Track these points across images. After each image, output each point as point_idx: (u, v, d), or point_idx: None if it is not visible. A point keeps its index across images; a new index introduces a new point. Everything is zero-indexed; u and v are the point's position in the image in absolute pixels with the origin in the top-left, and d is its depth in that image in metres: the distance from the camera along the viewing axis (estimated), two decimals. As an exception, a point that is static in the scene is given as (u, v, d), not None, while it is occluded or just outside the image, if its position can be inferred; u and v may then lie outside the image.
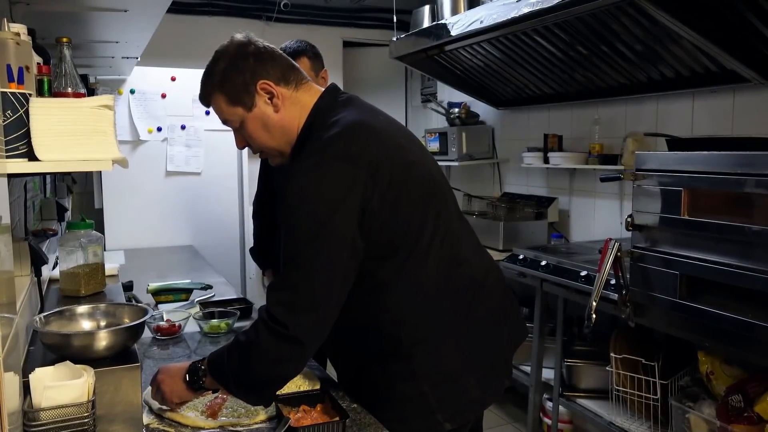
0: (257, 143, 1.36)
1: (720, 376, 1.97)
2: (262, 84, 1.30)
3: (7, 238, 1.11)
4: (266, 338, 1.19)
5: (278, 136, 1.34)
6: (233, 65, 1.31)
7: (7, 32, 1.07)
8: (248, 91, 1.30)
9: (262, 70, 1.31)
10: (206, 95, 1.35)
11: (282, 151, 1.36)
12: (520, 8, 2.53)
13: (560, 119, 3.44)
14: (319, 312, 1.21)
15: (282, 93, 1.32)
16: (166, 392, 1.31)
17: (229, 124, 1.36)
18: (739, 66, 2.22)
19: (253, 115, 1.32)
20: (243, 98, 1.31)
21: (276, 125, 1.33)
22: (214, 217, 3.77)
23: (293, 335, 1.17)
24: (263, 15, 4.29)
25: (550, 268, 2.61)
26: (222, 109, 1.34)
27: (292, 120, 1.33)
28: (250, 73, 1.30)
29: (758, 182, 1.66)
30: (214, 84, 1.32)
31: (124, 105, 3.52)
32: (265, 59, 1.32)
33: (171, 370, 1.34)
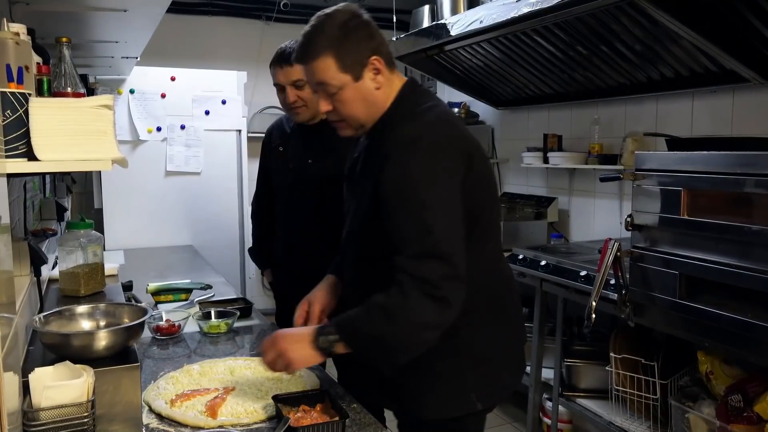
0: (347, 113, 1.38)
1: (720, 376, 1.97)
2: (374, 59, 1.34)
3: (6, 238, 1.10)
4: (423, 301, 1.21)
5: (370, 111, 1.38)
6: (354, 32, 1.32)
7: (7, 32, 1.07)
8: (362, 62, 1.33)
9: (377, 45, 1.35)
10: (313, 53, 1.33)
11: (364, 125, 1.40)
12: (520, 8, 2.53)
13: (560, 119, 3.44)
14: (463, 279, 1.25)
15: (385, 73, 1.37)
16: (296, 359, 1.30)
17: (323, 88, 1.35)
18: (738, 66, 2.22)
19: (358, 86, 1.34)
20: (355, 68, 1.33)
21: (373, 101, 1.37)
22: (214, 217, 3.77)
23: (447, 297, 1.22)
24: (263, 15, 4.29)
25: (550, 267, 2.61)
26: (326, 70, 1.32)
27: (384, 99, 1.38)
28: (367, 44, 1.33)
29: (758, 182, 1.66)
30: (330, 45, 1.31)
31: (124, 105, 3.52)
32: (378, 36, 1.37)
33: (295, 337, 1.33)
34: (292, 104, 2.13)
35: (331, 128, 2.22)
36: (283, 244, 2.38)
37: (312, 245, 2.18)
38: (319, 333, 1.29)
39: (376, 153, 1.37)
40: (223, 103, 3.72)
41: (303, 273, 2.21)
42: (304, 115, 2.18)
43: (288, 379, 1.50)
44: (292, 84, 2.10)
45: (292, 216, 2.31)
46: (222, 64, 4.04)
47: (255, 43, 4.30)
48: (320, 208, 2.22)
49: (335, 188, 2.18)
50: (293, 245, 2.30)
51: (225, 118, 3.75)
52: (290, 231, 2.33)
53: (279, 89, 2.15)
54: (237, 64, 4.05)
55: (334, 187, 2.18)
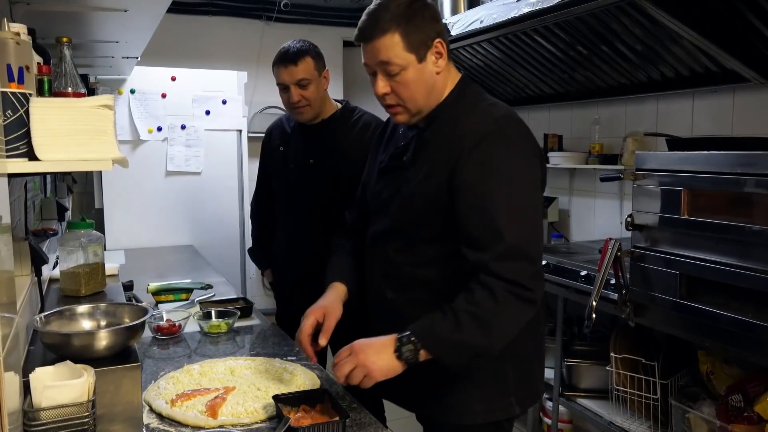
0: (407, 95, 1.34)
1: (720, 375, 1.97)
2: (438, 42, 1.33)
3: (7, 238, 1.11)
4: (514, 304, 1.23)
5: (429, 95, 1.36)
6: (420, 12, 1.32)
7: (7, 32, 1.07)
8: (427, 43, 1.32)
9: (441, 29, 1.35)
10: (380, 30, 1.30)
11: (421, 110, 1.38)
12: (520, 8, 2.53)
13: (560, 119, 3.44)
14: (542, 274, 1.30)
15: (446, 58, 1.37)
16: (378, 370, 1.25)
17: (386, 67, 1.32)
18: (739, 66, 2.22)
19: (421, 67, 1.32)
20: (420, 48, 1.31)
21: (433, 85, 1.36)
22: (214, 216, 3.77)
23: (535, 297, 1.24)
24: (263, 15, 4.29)
25: (550, 267, 2.61)
26: (392, 48, 1.30)
27: (443, 86, 1.38)
28: (432, 26, 1.33)
29: (758, 182, 1.66)
30: (398, 23, 1.29)
31: (124, 105, 3.52)
32: (440, 21, 1.38)
33: (375, 347, 1.26)
34: (296, 104, 2.13)
35: (331, 128, 2.24)
36: (283, 243, 2.38)
37: (312, 245, 2.18)
38: (401, 343, 1.25)
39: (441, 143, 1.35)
40: (223, 103, 3.73)
41: (303, 273, 2.22)
42: (307, 115, 2.18)
43: (288, 379, 1.50)
44: (297, 83, 2.10)
45: (292, 216, 2.31)
46: (222, 64, 4.04)
47: (255, 43, 4.30)
48: (321, 207, 2.22)
49: (336, 188, 2.19)
50: (293, 245, 2.31)
51: (225, 118, 3.75)
52: (290, 231, 2.33)
53: (282, 89, 2.15)
54: (237, 64, 4.05)
55: (335, 186, 2.19)
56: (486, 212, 1.25)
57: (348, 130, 2.22)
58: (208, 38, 4.21)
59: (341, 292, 1.52)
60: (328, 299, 1.48)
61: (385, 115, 1.52)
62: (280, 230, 2.40)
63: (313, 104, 2.15)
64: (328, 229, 1.91)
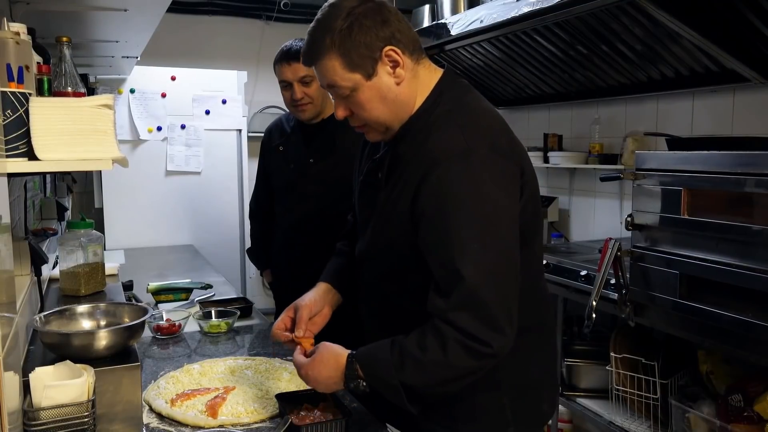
0: (366, 115, 1.20)
1: (720, 375, 1.97)
2: (389, 50, 1.14)
3: (7, 238, 1.10)
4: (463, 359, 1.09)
5: (392, 111, 1.19)
6: (360, 21, 1.13)
7: (7, 31, 1.07)
8: (372, 56, 1.14)
9: (392, 33, 1.15)
10: (317, 53, 1.17)
11: (390, 127, 1.22)
12: (520, 8, 2.53)
13: (560, 119, 3.44)
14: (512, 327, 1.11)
15: (407, 64, 1.17)
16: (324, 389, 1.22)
17: (335, 91, 1.19)
18: (739, 65, 2.22)
19: (372, 84, 1.16)
20: (364, 63, 1.14)
21: (394, 99, 1.18)
22: (214, 216, 3.77)
23: (496, 353, 1.09)
24: (263, 15, 4.29)
25: (550, 267, 2.61)
26: (334, 71, 1.16)
27: (410, 95, 1.20)
28: (377, 34, 1.13)
29: (758, 182, 1.66)
30: (333, 42, 1.14)
31: (124, 104, 3.52)
32: (395, 22, 1.16)
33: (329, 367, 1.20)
34: (298, 101, 2.13)
35: (331, 127, 2.24)
36: (283, 244, 2.38)
37: (312, 245, 2.18)
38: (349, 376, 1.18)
39: (410, 160, 1.19)
40: (223, 102, 3.73)
41: (302, 273, 2.22)
42: (309, 113, 2.18)
43: (288, 379, 1.50)
44: (300, 80, 2.10)
45: (291, 216, 2.31)
46: (222, 64, 4.03)
47: (255, 43, 4.30)
48: (320, 207, 2.22)
49: (336, 188, 2.19)
50: (293, 245, 2.30)
51: (225, 117, 3.75)
52: (290, 231, 2.33)
53: (284, 86, 2.15)
54: (237, 64, 4.05)
55: (335, 186, 2.19)
56: (445, 249, 1.09)
57: (348, 129, 2.19)
58: (208, 38, 4.20)
59: (322, 289, 1.43)
60: (304, 296, 1.41)
61: None
62: (280, 230, 2.40)
63: (316, 102, 2.16)
64: (327, 229, 1.91)
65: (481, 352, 1.08)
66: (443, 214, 1.10)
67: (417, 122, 1.21)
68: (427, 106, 1.21)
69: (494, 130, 1.18)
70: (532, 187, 1.21)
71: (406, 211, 1.17)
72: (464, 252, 1.08)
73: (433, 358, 1.09)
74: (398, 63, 1.16)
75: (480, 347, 1.08)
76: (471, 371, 1.12)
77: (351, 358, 1.18)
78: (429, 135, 1.17)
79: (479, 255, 1.08)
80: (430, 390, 1.15)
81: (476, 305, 1.08)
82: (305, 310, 1.36)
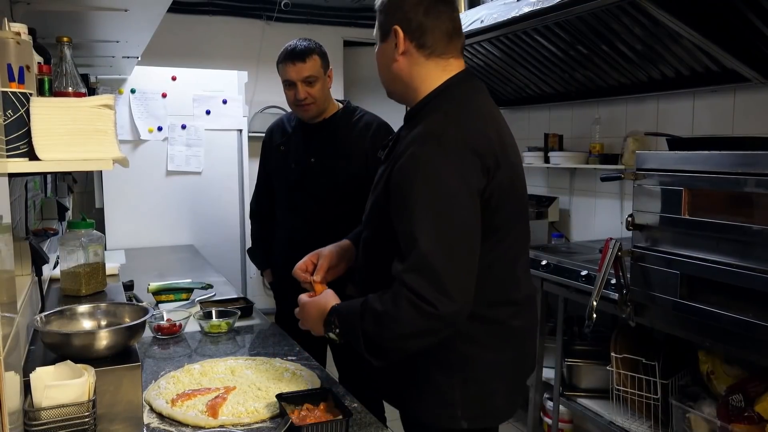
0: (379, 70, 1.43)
1: (720, 375, 1.97)
2: (395, 28, 1.33)
3: (7, 238, 1.11)
4: (412, 315, 1.18)
5: (390, 79, 1.40)
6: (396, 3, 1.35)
7: (8, 32, 1.07)
8: (387, 26, 1.35)
9: (403, 17, 1.33)
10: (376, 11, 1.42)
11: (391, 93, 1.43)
12: (521, 8, 2.53)
13: (561, 119, 3.44)
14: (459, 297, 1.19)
15: (408, 49, 1.34)
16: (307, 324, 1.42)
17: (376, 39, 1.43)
18: (739, 65, 2.22)
19: (382, 48, 1.39)
20: (384, 27, 1.37)
21: (391, 72, 1.38)
22: (215, 216, 3.77)
23: (442, 315, 1.17)
24: (263, 15, 4.29)
25: (551, 267, 2.61)
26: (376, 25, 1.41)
27: (410, 77, 1.36)
28: (396, 10, 1.34)
29: (758, 182, 1.66)
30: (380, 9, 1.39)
31: (125, 104, 3.52)
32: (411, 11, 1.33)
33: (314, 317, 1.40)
34: (302, 101, 2.14)
35: (333, 127, 2.24)
36: (283, 243, 2.38)
37: (312, 244, 2.17)
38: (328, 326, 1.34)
39: (403, 140, 1.33)
40: (223, 102, 3.73)
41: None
42: (311, 113, 2.19)
43: (288, 379, 1.50)
44: (304, 80, 2.12)
45: (292, 215, 2.31)
46: (222, 64, 4.04)
47: (255, 43, 4.30)
48: (321, 207, 2.22)
49: (337, 187, 2.19)
50: (293, 245, 2.30)
51: (226, 117, 3.75)
52: (290, 230, 2.33)
53: (288, 86, 2.16)
54: (237, 64, 4.05)
55: (335, 186, 2.19)
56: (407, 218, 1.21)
57: (349, 129, 2.23)
58: (208, 38, 4.21)
59: (344, 246, 1.60)
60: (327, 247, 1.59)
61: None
62: (280, 230, 2.40)
63: (318, 102, 2.16)
64: (328, 229, 1.91)
65: (427, 312, 1.17)
66: (407, 187, 1.23)
67: (421, 110, 1.34)
68: (431, 98, 1.34)
69: (474, 124, 1.28)
70: (504, 187, 1.29)
71: (385, 184, 1.31)
72: (421, 222, 1.20)
73: (388, 311, 1.22)
74: (398, 46, 1.34)
75: (426, 307, 1.17)
76: (420, 329, 1.21)
77: (332, 308, 1.36)
78: (423, 120, 1.30)
79: (433, 226, 1.20)
80: (388, 343, 1.25)
81: (427, 269, 1.18)
82: (326, 260, 1.55)
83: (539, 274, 2.65)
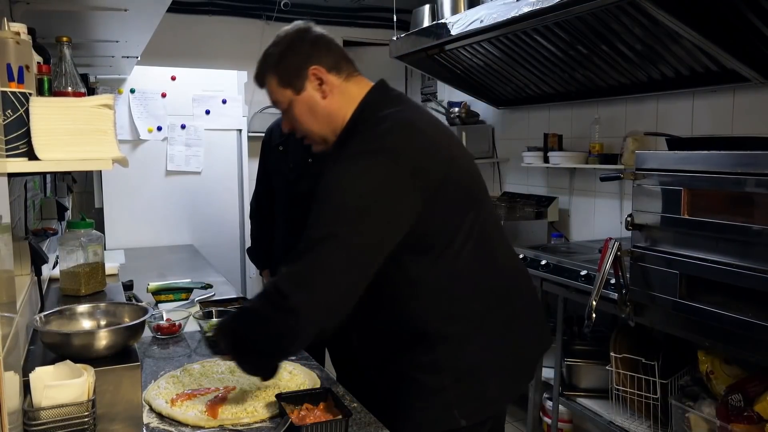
0: (302, 127, 1.40)
1: (720, 375, 1.97)
2: (313, 69, 1.34)
3: (7, 238, 1.11)
4: (263, 305, 1.23)
5: (323, 123, 1.38)
6: (290, 48, 1.37)
7: (7, 31, 1.07)
8: (299, 74, 1.35)
9: (316, 56, 1.36)
10: (260, 75, 1.41)
11: (325, 138, 1.40)
12: (520, 7, 2.53)
13: (560, 119, 3.44)
14: (326, 294, 1.19)
15: (332, 81, 1.36)
16: None
17: (278, 106, 1.42)
18: (739, 65, 2.22)
19: (302, 98, 1.36)
20: (294, 81, 1.36)
21: (322, 111, 1.37)
22: (214, 216, 3.77)
23: (294, 308, 1.17)
24: (263, 14, 4.29)
25: (550, 267, 2.61)
26: (273, 89, 1.39)
27: (339, 109, 1.37)
28: (304, 57, 1.35)
29: (758, 182, 1.66)
30: (269, 65, 1.38)
31: (124, 104, 3.52)
32: (321, 46, 1.37)
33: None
34: None
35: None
36: (283, 243, 2.38)
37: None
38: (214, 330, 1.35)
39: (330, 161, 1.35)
40: (223, 102, 3.73)
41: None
42: None
43: (288, 379, 1.50)
44: None
45: (291, 215, 2.31)
46: (222, 64, 4.03)
47: (255, 43, 4.29)
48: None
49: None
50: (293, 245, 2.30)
51: (225, 117, 3.75)
52: (290, 231, 2.33)
53: None
54: (237, 64, 4.05)
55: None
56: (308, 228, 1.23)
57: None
58: (208, 38, 4.21)
59: None
60: None
61: None
62: (280, 230, 2.40)
63: None
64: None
65: (277, 303, 1.18)
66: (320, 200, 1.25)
67: (346, 132, 1.37)
68: (353, 117, 1.36)
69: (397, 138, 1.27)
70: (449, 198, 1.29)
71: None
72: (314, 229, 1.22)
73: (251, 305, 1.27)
74: (323, 80, 1.35)
75: (277, 298, 1.18)
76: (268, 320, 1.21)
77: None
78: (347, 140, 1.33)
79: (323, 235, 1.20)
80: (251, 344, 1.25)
81: (295, 263, 1.20)
82: None
83: (539, 274, 2.65)
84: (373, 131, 1.29)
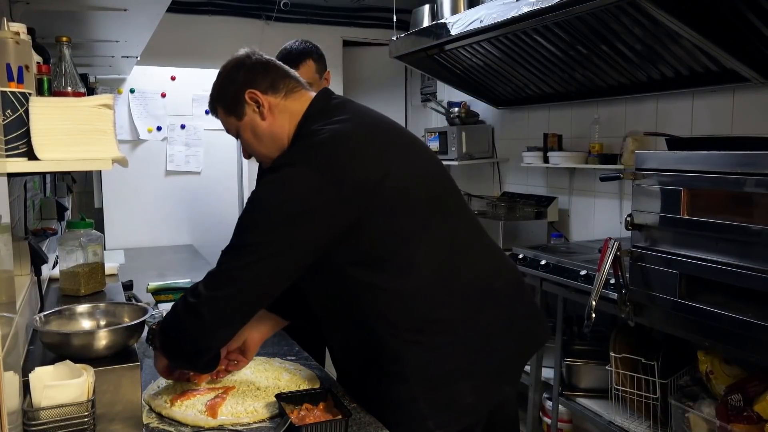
0: (251, 150, 1.43)
1: (720, 375, 1.97)
2: (249, 93, 1.36)
3: (6, 238, 1.11)
4: (179, 306, 1.29)
5: (268, 143, 1.39)
6: (227, 78, 1.41)
7: (7, 31, 1.07)
8: (238, 100, 1.37)
9: (251, 80, 1.37)
10: (211, 107, 1.46)
11: (273, 158, 1.38)
12: (520, 7, 2.53)
13: (560, 119, 3.44)
14: (235, 300, 1.24)
15: (269, 101, 1.37)
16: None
17: (231, 134, 1.45)
18: (739, 65, 2.22)
19: (244, 123, 1.39)
20: (234, 108, 1.38)
21: (264, 132, 1.37)
22: (214, 216, 3.77)
23: (198, 307, 1.23)
24: (263, 14, 4.29)
25: (550, 267, 2.61)
26: (222, 119, 1.43)
27: (281, 127, 1.37)
28: (240, 83, 1.38)
29: (758, 182, 1.66)
30: (213, 97, 1.43)
31: (124, 104, 3.52)
32: (257, 70, 1.39)
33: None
34: None
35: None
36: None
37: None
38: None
39: None
40: (223, 102, 3.72)
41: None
42: None
43: (288, 379, 1.50)
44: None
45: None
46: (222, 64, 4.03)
47: (255, 43, 4.22)
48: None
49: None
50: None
51: (225, 117, 3.74)
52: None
53: None
54: (237, 64, 4.05)
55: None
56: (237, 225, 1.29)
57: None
58: (208, 38, 4.20)
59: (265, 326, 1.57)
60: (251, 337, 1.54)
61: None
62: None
63: None
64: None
65: (188, 303, 1.26)
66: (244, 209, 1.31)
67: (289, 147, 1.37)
68: (296, 135, 1.37)
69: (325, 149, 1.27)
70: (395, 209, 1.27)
71: None
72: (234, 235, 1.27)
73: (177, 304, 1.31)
74: (259, 102, 1.36)
75: (190, 298, 1.25)
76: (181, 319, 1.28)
77: None
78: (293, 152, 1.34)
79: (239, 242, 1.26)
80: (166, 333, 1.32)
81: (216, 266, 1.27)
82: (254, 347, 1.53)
83: (538, 274, 2.65)
84: (302, 144, 1.32)
